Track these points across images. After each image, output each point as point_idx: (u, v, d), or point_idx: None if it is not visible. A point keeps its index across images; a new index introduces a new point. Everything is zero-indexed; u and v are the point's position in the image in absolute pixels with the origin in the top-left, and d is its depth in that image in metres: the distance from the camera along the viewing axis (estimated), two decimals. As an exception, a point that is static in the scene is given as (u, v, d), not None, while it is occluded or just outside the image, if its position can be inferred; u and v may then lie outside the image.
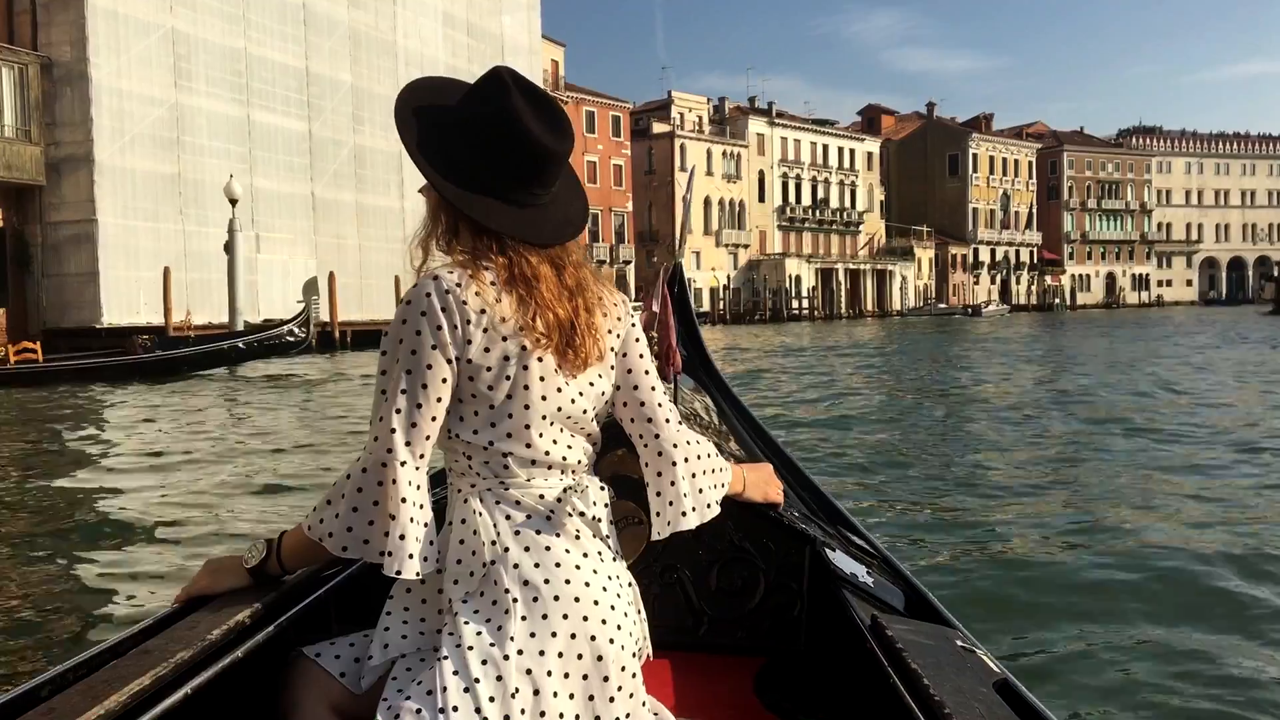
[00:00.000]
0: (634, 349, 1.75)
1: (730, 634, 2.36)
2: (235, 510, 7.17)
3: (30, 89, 26.82)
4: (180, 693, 1.50)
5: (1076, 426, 11.39)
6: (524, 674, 1.48)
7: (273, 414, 14.28)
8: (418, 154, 1.64)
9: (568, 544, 1.59)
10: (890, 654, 1.74)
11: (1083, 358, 24.79)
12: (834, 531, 2.64)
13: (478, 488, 1.60)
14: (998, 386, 17.05)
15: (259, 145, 32.44)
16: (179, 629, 1.65)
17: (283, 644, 1.73)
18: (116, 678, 1.44)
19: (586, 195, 1.78)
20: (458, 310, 1.54)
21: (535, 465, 1.60)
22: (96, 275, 26.87)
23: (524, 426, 1.58)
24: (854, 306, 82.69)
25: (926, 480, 8.23)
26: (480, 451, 1.59)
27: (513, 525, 1.58)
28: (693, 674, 2.25)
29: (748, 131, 79.27)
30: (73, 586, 5.28)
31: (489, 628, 1.52)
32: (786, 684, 2.23)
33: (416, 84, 1.75)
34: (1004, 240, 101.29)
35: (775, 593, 2.36)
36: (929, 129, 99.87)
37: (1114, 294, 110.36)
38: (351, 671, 1.66)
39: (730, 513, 2.11)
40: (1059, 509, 7.03)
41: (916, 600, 2.28)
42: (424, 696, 1.47)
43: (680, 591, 2.38)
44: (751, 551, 2.36)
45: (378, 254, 37.00)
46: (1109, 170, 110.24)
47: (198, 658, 1.55)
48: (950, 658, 1.74)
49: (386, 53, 38.56)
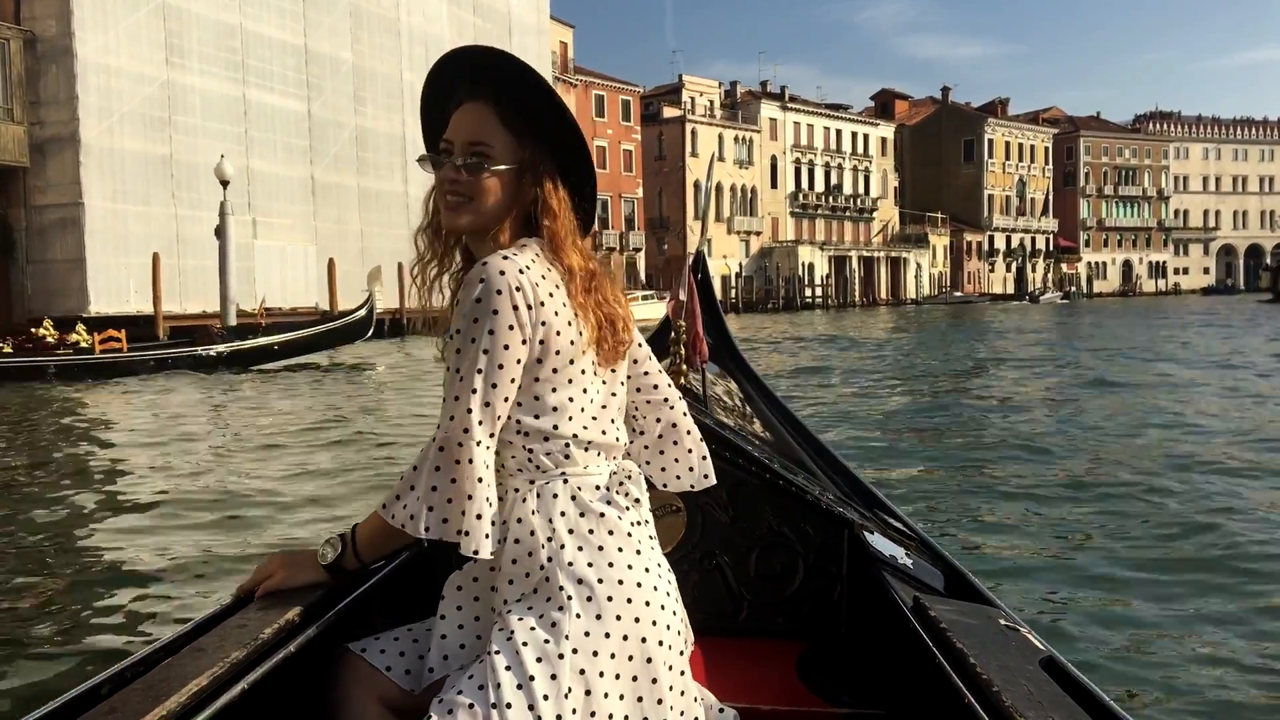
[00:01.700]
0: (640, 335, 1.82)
1: (771, 619, 2.39)
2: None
3: (12, 65, 25.42)
4: (236, 690, 1.52)
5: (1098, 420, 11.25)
6: (578, 674, 1.49)
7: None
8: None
9: (620, 541, 1.60)
10: (934, 634, 1.73)
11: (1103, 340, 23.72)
12: (871, 515, 2.65)
13: (536, 484, 1.61)
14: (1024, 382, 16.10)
15: (256, 126, 31.07)
16: (229, 627, 1.67)
17: (329, 640, 1.74)
18: (174, 676, 1.48)
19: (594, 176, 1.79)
20: (531, 291, 1.55)
21: (590, 449, 1.63)
22: (83, 262, 25.52)
23: (579, 409, 1.61)
24: (868, 295, 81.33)
25: (962, 464, 8.20)
26: (542, 441, 1.61)
27: (568, 522, 1.59)
28: (735, 659, 2.26)
29: (760, 116, 77.76)
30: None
31: (543, 625, 1.53)
32: (829, 668, 2.24)
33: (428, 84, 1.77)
34: (1020, 227, 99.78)
35: (814, 577, 2.38)
36: (944, 114, 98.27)
37: (1130, 282, 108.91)
38: (398, 665, 1.67)
39: (768, 498, 2.37)
40: (1096, 485, 7.00)
41: (957, 581, 2.25)
42: (476, 691, 1.49)
43: (720, 578, 2.40)
44: (790, 536, 2.38)
45: (381, 240, 35.71)
46: (1126, 156, 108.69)
47: (251, 656, 1.57)
48: (995, 636, 1.73)
49: (389, 30, 37.19)
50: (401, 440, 10.17)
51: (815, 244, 78.24)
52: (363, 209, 35.51)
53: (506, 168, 1.63)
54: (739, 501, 2.43)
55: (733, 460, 2.41)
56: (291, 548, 2.23)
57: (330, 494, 7.50)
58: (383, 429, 11.33)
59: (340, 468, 8.65)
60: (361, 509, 6.25)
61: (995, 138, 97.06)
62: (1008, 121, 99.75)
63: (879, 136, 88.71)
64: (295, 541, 5.88)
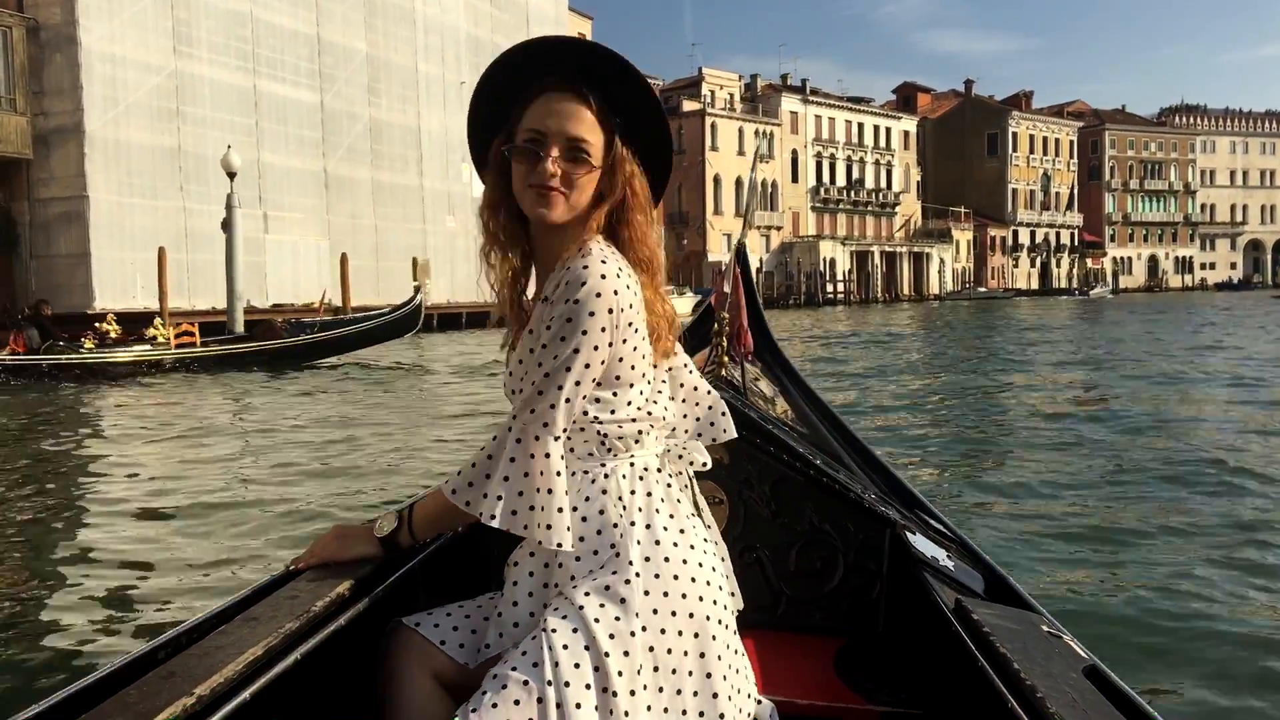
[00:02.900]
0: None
1: (809, 615, 2.38)
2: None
3: (15, 54, 24.64)
4: (289, 660, 1.55)
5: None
6: (648, 651, 1.52)
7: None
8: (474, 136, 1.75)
9: (681, 523, 1.64)
10: (977, 638, 1.73)
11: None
12: (911, 515, 2.64)
13: (606, 465, 1.64)
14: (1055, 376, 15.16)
15: (267, 117, 30.25)
16: (280, 597, 1.69)
17: (378, 614, 1.76)
18: (229, 644, 1.49)
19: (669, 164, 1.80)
20: (626, 296, 1.58)
21: (652, 430, 1.68)
22: (88, 256, 24.74)
23: (644, 397, 1.66)
24: (890, 290, 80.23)
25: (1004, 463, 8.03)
26: (615, 428, 1.64)
27: (636, 501, 1.62)
28: (773, 653, 2.25)
29: (780, 110, 76.71)
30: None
31: (611, 600, 1.54)
32: (867, 665, 2.24)
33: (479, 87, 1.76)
34: (1044, 222, 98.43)
35: (854, 574, 2.37)
36: (967, 107, 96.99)
37: (1157, 277, 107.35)
38: (451, 639, 1.69)
39: (810, 494, 2.37)
40: (1142, 490, 6.87)
41: (998, 584, 2.22)
42: (530, 668, 1.48)
43: (759, 572, 2.39)
44: (831, 533, 2.38)
45: (395, 235, 34.90)
46: (1151, 150, 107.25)
47: (304, 627, 1.59)
48: (1037, 642, 1.73)
49: (404, 20, 36.33)
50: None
51: (837, 239, 77.12)
52: (377, 203, 34.67)
53: (601, 166, 1.65)
54: (781, 496, 2.41)
55: (776, 455, 2.40)
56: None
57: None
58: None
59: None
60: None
61: (1019, 131, 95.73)
62: (1032, 114, 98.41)
63: (901, 130, 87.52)
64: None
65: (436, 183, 37.61)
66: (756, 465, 2.42)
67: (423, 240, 36.23)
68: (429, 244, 36.41)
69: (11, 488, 7.84)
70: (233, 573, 5.18)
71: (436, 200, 37.65)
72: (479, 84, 1.72)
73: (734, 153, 70.99)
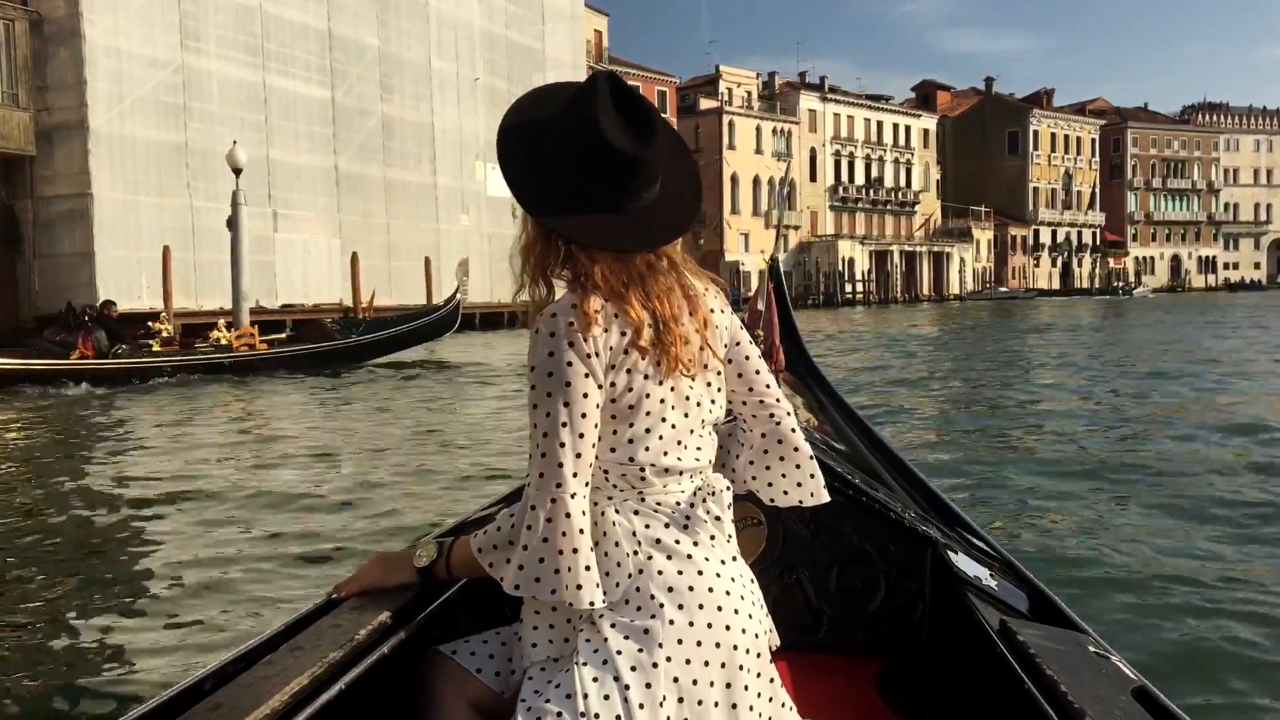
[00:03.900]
0: (742, 337, 1.78)
1: (851, 635, 2.36)
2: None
3: (17, 48, 24.03)
4: (334, 690, 1.56)
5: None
6: (672, 682, 1.51)
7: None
8: (504, 170, 1.65)
9: (705, 551, 1.61)
10: (1023, 660, 1.71)
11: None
12: (953, 533, 2.60)
13: (614, 500, 1.62)
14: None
15: (277, 114, 29.61)
16: (324, 626, 1.70)
17: (419, 642, 1.77)
18: (274, 674, 1.50)
19: (699, 191, 1.75)
20: (587, 334, 1.54)
21: (669, 473, 1.62)
22: (92, 255, 24.09)
23: (657, 437, 1.60)
24: (909, 290, 79.24)
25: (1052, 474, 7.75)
26: (617, 466, 1.61)
27: (653, 534, 1.60)
28: (814, 674, 2.24)
29: (799, 108, 75.83)
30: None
31: (636, 632, 1.53)
32: (910, 686, 2.21)
33: (528, 94, 1.74)
34: (1065, 221, 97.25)
35: (896, 594, 2.34)
36: (987, 105, 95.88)
37: (1179, 277, 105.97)
38: (488, 668, 1.70)
39: (849, 514, 2.34)
40: (1191, 503, 6.65)
41: (1042, 603, 2.17)
42: (563, 700, 1.50)
43: (800, 592, 2.37)
44: (871, 553, 2.35)
45: (408, 234, 34.23)
46: (1174, 148, 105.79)
47: (347, 657, 1.60)
48: (1085, 664, 1.71)
49: (417, 15, 35.66)
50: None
51: (855, 238, 76.18)
52: (389, 201, 34.00)
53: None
54: (820, 516, 2.36)
55: None
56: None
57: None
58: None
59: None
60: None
61: (1040, 129, 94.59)
62: (1053, 112, 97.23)
63: (921, 128, 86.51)
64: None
65: (450, 181, 36.94)
66: None
67: (436, 240, 35.55)
68: (442, 243, 35.72)
69: (133, 504, 7.42)
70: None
71: (450, 199, 36.97)
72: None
73: (751, 151, 70.15)
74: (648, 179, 1.62)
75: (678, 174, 1.69)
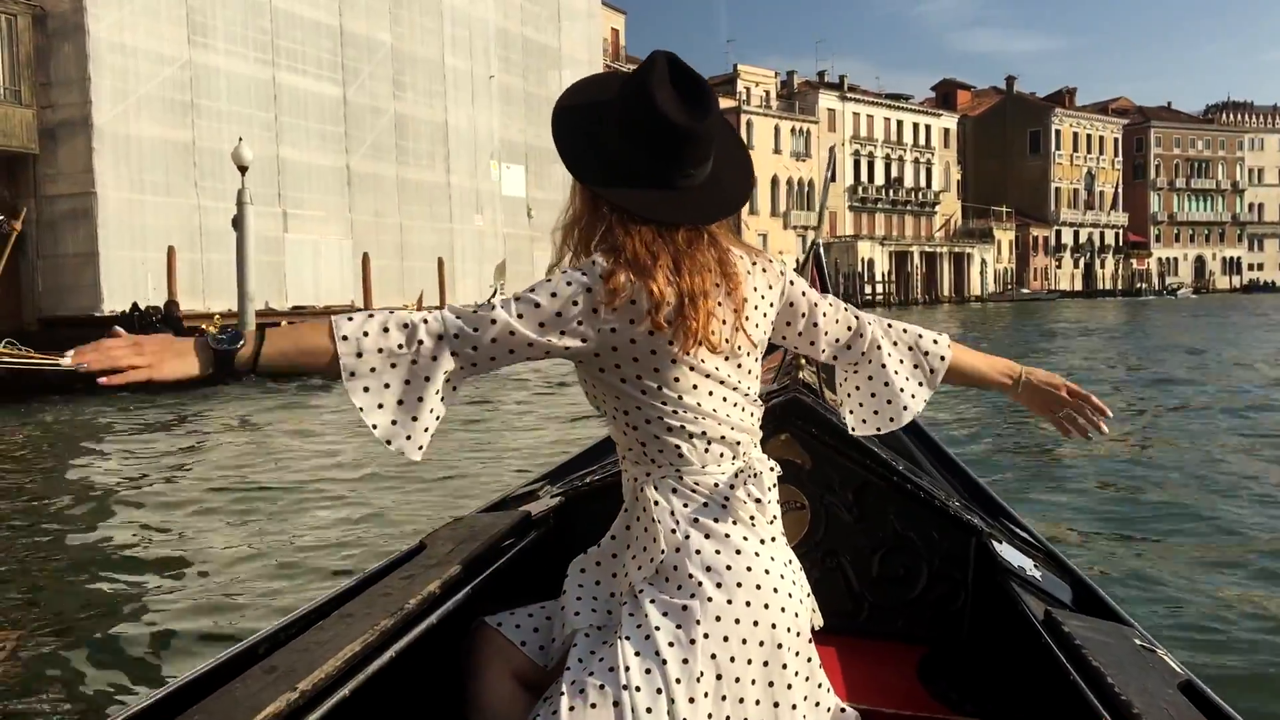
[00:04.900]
0: (798, 297, 1.77)
1: (891, 621, 2.35)
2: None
3: (20, 43, 23.42)
4: (385, 657, 1.58)
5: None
6: (709, 658, 1.52)
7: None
8: (558, 143, 1.65)
9: (744, 530, 1.61)
10: (1068, 651, 1.69)
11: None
12: (996, 523, 2.59)
13: (653, 476, 1.63)
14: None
15: (287, 111, 28.94)
16: (374, 594, 1.73)
17: (467, 612, 1.80)
18: (327, 640, 1.52)
19: (750, 179, 1.76)
20: (610, 303, 1.54)
21: (708, 452, 1.62)
22: (96, 256, 23.44)
23: (690, 415, 1.60)
24: (930, 291, 78.30)
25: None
26: (653, 440, 1.62)
27: (691, 512, 1.60)
28: (855, 659, 2.24)
29: (817, 107, 75.03)
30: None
31: (674, 608, 1.55)
32: (951, 674, 2.20)
33: (584, 79, 1.77)
34: (1088, 221, 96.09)
35: (938, 582, 2.32)
36: (1008, 104, 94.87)
37: (1204, 278, 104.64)
38: (532, 640, 1.72)
39: (893, 501, 2.33)
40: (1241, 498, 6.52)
41: (1087, 595, 2.17)
42: (606, 673, 1.52)
43: (841, 577, 2.36)
44: (914, 540, 2.34)
45: (421, 234, 33.54)
46: (1198, 148, 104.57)
47: (398, 625, 1.63)
48: (1131, 656, 1.68)
49: (431, 11, 34.97)
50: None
51: (875, 239, 75.27)
52: (402, 201, 33.32)
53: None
54: (863, 502, 2.37)
55: (859, 460, 2.36)
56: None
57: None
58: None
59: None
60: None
61: (1062, 128, 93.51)
62: (1075, 112, 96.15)
63: (941, 127, 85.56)
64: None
65: (464, 180, 36.25)
66: (839, 471, 2.37)
67: (449, 240, 34.88)
68: (455, 243, 35.06)
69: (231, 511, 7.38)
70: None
71: (464, 198, 36.30)
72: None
73: (770, 151, 69.38)
74: (699, 156, 1.63)
75: (730, 160, 1.70)
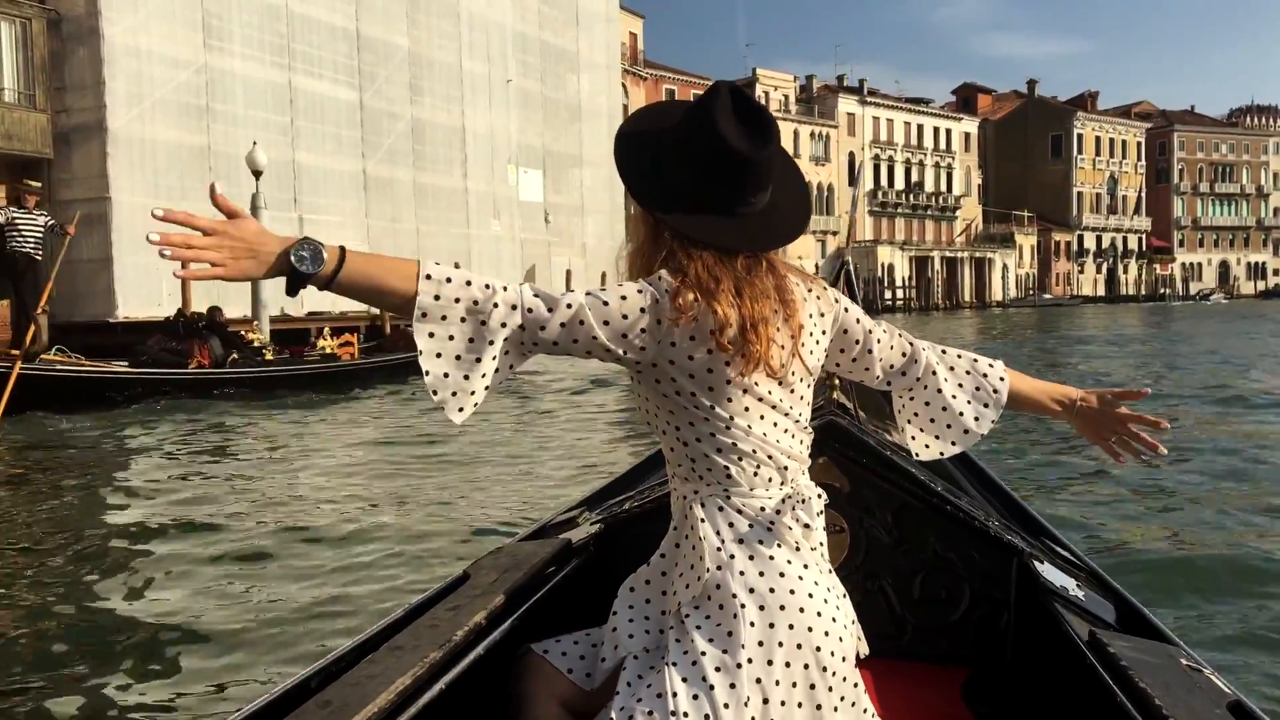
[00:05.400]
0: (852, 324, 1.80)
1: (934, 643, 2.33)
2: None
3: (35, 47, 23.24)
4: (435, 690, 1.59)
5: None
6: (754, 683, 1.52)
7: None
8: (622, 169, 1.69)
9: (789, 555, 1.61)
10: (1114, 672, 1.67)
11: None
12: (1037, 542, 2.55)
13: (700, 494, 1.64)
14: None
15: (303, 116, 28.70)
16: (421, 627, 1.74)
17: (512, 642, 1.80)
18: (379, 673, 1.53)
19: (808, 210, 1.79)
20: (671, 310, 1.56)
21: (756, 475, 1.63)
22: (110, 261, 23.20)
23: (742, 435, 1.61)
24: (950, 297, 77.64)
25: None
26: (703, 458, 1.63)
27: (736, 533, 1.61)
28: (898, 681, 2.21)
29: (837, 111, 74.56)
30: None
31: (719, 634, 1.55)
32: (994, 696, 2.18)
33: (647, 106, 1.82)
34: (1110, 226, 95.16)
35: (980, 603, 2.31)
36: (1029, 108, 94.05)
37: (1228, 283, 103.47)
38: (578, 668, 1.72)
39: (933, 522, 2.31)
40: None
41: (1131, 615, 2.14)
42: (654, 699, 1.53)
43: (882, 599, 2.34)
44: (955, 561, 2.31)
45: (437, 239, 33.24)
46: (1222, 152, 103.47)
47: (446, 657, 1.64)
48: (1178, 677, 1.65)
49: (448, 15, 34.71)
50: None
51: (895, 244, 74.69)
52: (419, 206, 33.06)
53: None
54: (903, 524, 2.35)
55: (897, 482, 2.34)
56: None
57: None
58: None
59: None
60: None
61: (1085, 132, 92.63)
62: (1097, 116, 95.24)
63: (962, 132, 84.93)
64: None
65: (481, 185, 35.97)
66: (877, 493, 2.34)
67: (467, 245, 34.60)
68: (472, 249, 34.78)
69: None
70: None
71: (481, 203, 36.02)
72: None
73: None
74: (758, 184, 1.66)
75: (788, 191, 1.73)
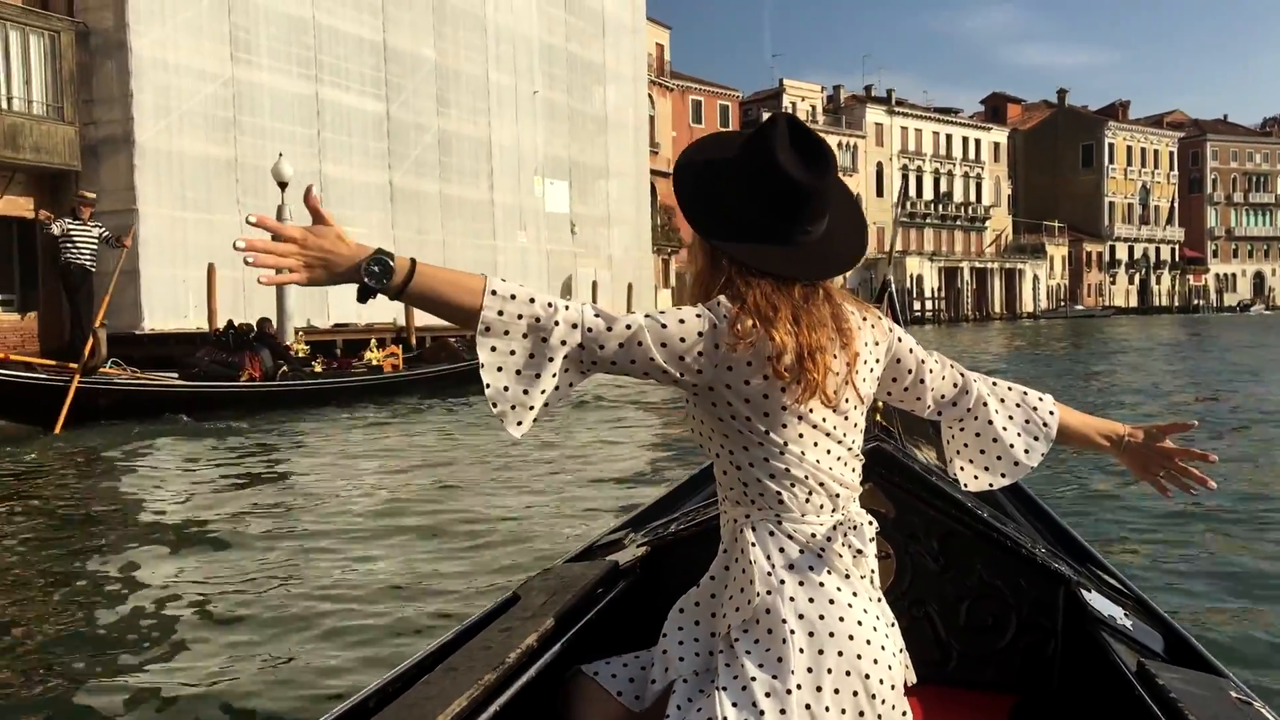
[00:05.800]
0: (905, 354, 1.82)
1: (981, 671, 2.31)
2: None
3: (64, 60, 23.30)
4: (489, 712, 1.59)
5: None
6: (804, 709, 1.52)
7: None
8: (680, 199, 1.71)
9: (839, 582, 1.61)
10: (1163, 704, 1.65)
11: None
12: (1084, 569, 2.54)
13: (752, 518, 1.65)
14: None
15: (330, 128, 28.69)
16: (474, 648, 1.75)
17: (562, 663, 1.81)
18: (434, 695, 1.55)
19: (864, 238, 1.80)
20: (729, 336, 1.59)
21: (808, 502, 1.64)
22: (137, 274, 23.14)
23: (796, 462, 1.63)
24: (980, 308, 76.94)
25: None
26: (755, 483, 1.64)
27: (786, 559, 1.62)
28: (944, 708, 2.19)
29: (865, 121, 74.11)
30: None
31: (769, 659, 1.56)
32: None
33: (705, 137, 1.81)
34: (1143, 237, 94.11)
35: (1027, 631, 2.29)
36: (1060, 117, 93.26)
37: (1263, 294, 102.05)
38: (628, 690, 1.73)
39: (979, 549, 2.27)
40: None
41: (1180, 646, 2.13)
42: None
43: (929, 626, 2.33)
44: (1002, 589, 2.29)
45: (464, 250, 33.14)
46: (1256, 161, 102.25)
47: (500, 679, 1.65)
48: (1228, 710, 1.64)
49: (475, 27, 34.68)
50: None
51: (924, 255, 74.17)
52: (445, 217, 32.99)
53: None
54: (949, 551, 2.32)
55: (943, 509, 2.32)
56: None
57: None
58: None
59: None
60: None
61: (1116, 142, 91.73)
62: (1129, 125, 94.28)
63: (991, 141, 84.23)
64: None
65: (508, 197, 35.88)
66: (923, 519, 2.32)
67: (493, 256, 34.49)
68: (499, 260, 34.66)
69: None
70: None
71: (508, 215, 35.92)
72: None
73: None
74: (816, 213, 1.67)
75: (845, 219, 1.75)
